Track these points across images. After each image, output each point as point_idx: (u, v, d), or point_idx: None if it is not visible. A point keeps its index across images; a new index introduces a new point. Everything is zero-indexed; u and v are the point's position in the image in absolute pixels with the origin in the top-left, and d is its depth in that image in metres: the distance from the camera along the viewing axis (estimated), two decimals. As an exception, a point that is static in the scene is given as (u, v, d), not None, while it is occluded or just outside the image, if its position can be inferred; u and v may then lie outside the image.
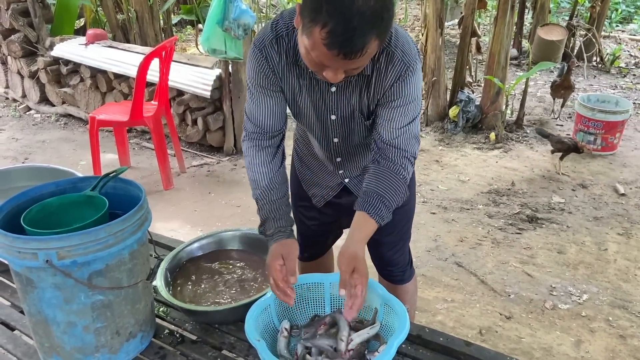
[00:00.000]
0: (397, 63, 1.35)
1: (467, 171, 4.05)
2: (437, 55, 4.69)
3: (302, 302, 1.60)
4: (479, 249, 3.04)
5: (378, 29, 1.14)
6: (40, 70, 4.98)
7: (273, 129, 1.54)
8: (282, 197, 1.54)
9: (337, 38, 1.11)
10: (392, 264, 1.89)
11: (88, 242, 1.31)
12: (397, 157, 1.43)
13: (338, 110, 1.49)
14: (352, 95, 1.44)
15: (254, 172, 1.54)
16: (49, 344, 1.43)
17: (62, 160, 4.28)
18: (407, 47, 1.36)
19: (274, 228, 1.49)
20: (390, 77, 1.37)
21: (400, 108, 1.40)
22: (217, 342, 1.55)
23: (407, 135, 1.43)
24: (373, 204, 1.41)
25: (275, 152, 1.57)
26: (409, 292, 1.94)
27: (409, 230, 1.90)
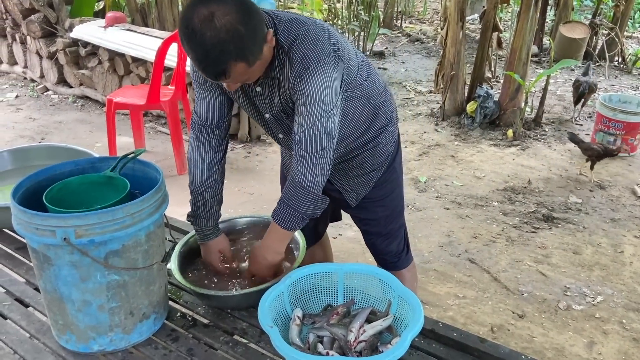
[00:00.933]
0: (296, 65, 1.39)
1: (482, 167, 4.01)
2: (456, 49, 4.63)
3: (315, 291, 1.59)
4: (492, 246, 3.02)
5: (233, 55, 1.25)
6: (59, 51, 5.01)
7: (213, 121, 1.61)
8: (214, 197, 1.68)
9: (199, 66, 1.29)
10: (384, 252, 1.92)
11: (106, 222, 1.31)
12: (299, 155, 1.47)
13: (268, 109, 1.55)
14: (273, 94, 1.50)
15: (194, 167, 1.65)
16: (63, 321, 1.43)
17: (78, 141, 4.30)
18: (311, 49, 1.38)
19: (204, 226, 1.66)
20: (291, 78, 1.41)
21: (304, 107, 1.42)
22: (229, 327, 1.55)
23: (311, 134, 1.44)
24: (277, 210, 1.52)
25: (217, 145, 1.64)
26: (405, 279, 1.94)
27: (398, 220, 1.90)
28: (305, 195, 1.48)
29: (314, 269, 1.59)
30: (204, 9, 1.23)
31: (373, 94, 1.66)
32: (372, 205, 1.82)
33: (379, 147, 1.74)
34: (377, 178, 1.78)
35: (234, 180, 3.72)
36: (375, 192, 1.80)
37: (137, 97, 3.59)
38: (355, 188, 1.79)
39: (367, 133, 1.71)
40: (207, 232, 1.67)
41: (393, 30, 8.45)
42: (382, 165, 1.77)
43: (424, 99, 5.49)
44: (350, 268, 1.60)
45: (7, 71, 5.77)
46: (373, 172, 1.77)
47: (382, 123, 1.72)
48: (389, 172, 1.80)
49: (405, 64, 6.80)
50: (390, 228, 1.89)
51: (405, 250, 1.96)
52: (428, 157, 4.17)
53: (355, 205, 1.82)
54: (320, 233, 2.15)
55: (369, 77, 1.65)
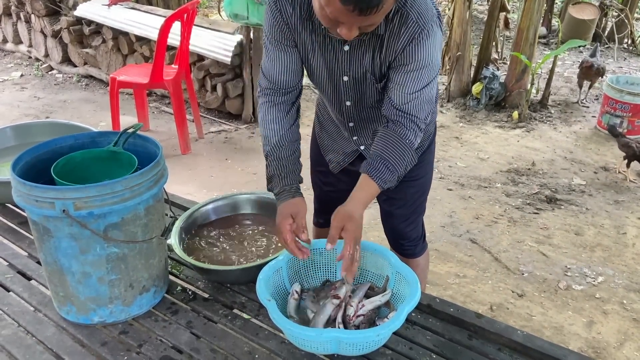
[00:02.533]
0: (411, 24, 1.29)
1: (487, 149, 3.99)
2: (463, 30, 4.58)
3: (314, 266, 1.60)
4: (494, 226, 3.02)
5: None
6: (63, 29, 4.99)
7: (287, 85, 1.51)
8: (291, 155, 1.52)
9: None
10: (403, 237, 1.88)
11: (105, 195, 1.32)
12: (407, 121, 1.39)
13: (350, 71, 1.45)
14: (365, 55, 1.40)
15: (266, 129, 1.53)
16: (63, 293, 1.45)
17: (82, 120, 4.30)
18: (424, 8, 1.30)
19: (279, 186, 1.49)
20: (403, 39, 1.31)
21: (412, 73, 1.34)
22: (229, 301, 1.57)
23: (419, 101, 1.38)
24: (376, 167, 1.39)
25: (289, 109, 1.55)
26: (419, 266, 1.93)
27: (423, 204, 1.87)
28: (409, 153, 1.41)
29: (313, 244, 1.60)
30: None
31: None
32: (406, 185, 1.75)
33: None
34: (417, 157, 1.73)
35: (238, 160, 3.72)
36: (411, 172, 1.69)
37: (140, 76, 3.59)
38: None
39: None
40: (281, 191, 1.49)
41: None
42: (423, 144, 1.73)
43: (430, 80, 5.43)
44: (349, 244, 1.61)
45: (12, 50, 5.77)
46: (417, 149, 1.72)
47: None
48: (427, 152, 1.77)
49: (411, 45, 6.74)
50: (414, 211, 1.84)
51: (422, 238, 1.94)
52: (432, 138, 4.15)
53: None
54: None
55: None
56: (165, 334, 1.43)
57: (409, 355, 1.34)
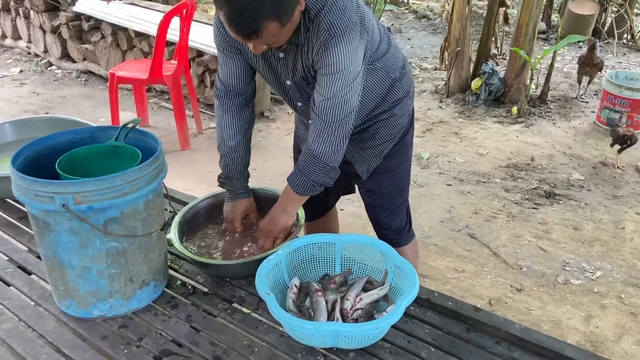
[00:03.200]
0: (322, 32, 1.37)
1: (486, 144, 4.00)
2: (462, 25, 4.58)
3: (313, 261, 1.61)
4: (493, 221, 3.02)
5: (268, 11, 1.23)
6: (62, 25, 4.99)
7: (237, 88, 1.64)
8: (245, 159, 1.74)
9: (231, 22, 1.25)
10: (385, 227, 1.92)
11: (104, 189, 1.32)
12: (317, 124, 1.47)
13: (290, 76, 1.54)
14: (297, 61, 1.48)
15: (222, 132, 1.69)
16: (64, 287, 1.46)
17: (82, 116, 4.28)
18: (338, 17, 1.37)
19: (237, 187, 1.74)
20: (316, 45, 1.39)
21: (326, 76, 1.41)
22: (228, 295, 1.58)
23: (331, 104, 1.43)
24: (292, 176, 1.57)
25: (240, 111, 1.68)
26: (407, 255, 1.94)
27: (402, 194, 1.91)
28: (316, 164, 1.51)
29: (312, 239, 1.61)
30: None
31: (392, 67, 1.65)
32: (380, 177, 1.82)
33: (392, 118, 1.73)
34: (388, 149, 1.77)
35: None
36: (384, 164, 1.80)
37: (139, 72, 3.59)
38: (366, 159, 1.78)
39: (382, 105, 1.70)
40: (240, 191, 1.74)
41: (399, 7, 8.34)
42: (394, 136, 1.76)
43: (429, 75, 5.44)
44: (348, 239, 1.61)
45: (11, 46, 5.76)
46: (385, 143, 1.76)
47: (398, 95, 1.71)
48: (400, 145, 1.80)
49: (411, 41, 6.74)
50: (393, 202, 1.89)
51: (407, 227, 1.96)
52: (431, 134, 4.16)
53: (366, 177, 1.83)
54: (330, 205, 2.15)
55: (389, 50, 1.63)
56: (165, 328, 1.44)
57: (407, 349, 1.35)
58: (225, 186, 1.75)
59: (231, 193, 1.75)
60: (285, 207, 1.61)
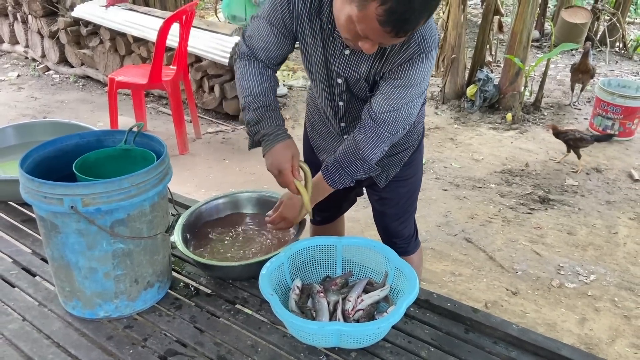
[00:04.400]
0: (413, 45, 1.34)
1: (481, 150, 4.05)
2: (458, 32, 4.64)
3: (315, 263, 1.64)
4: (489, 226, 3.07)
5: (430, 11, 1.16)
6: (60, 30, 5.01)
7: (266, 59, 1.52)
8: (276, 104, 1.54)
9: (395, 17, 1.11)
10: (396, 235, 1.93)
11: (112, 191, 1.35)
12: (374, 130, 1.44)
13: (346, 74, 1.48)
14: (364, 63, 1.43)
15: (247, 81, 1.51)
16: (70, 288, 1.48)
17: (80, 120, 4.31)
18: (429, 33, 1.35)
19: (272, 127, 1.49)
20: (402, 56, 1.35)
21: (400, 88, 1.39)
22: (231, 296, 1.60)
23: (396, 115, 1.42)
24: (328, 168, 1.54)
25: (266, 68, 1.54)
26: (413, 263, 1.97)
27: (415, 202, 1.92)
28: (363, 164, 1.51)
29: (314, 241, 1.64)
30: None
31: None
32: (396, 185, 1.82)
33: (411, 125, 1.70)
34: (407, 157, 1.78)
35: (236, 161, 3.75)
36: (402, 172, 1.80)
37: (138, 77, 3.61)
38: (385, 169, 1.78)
39: None
40: (279, 132, 1.49)
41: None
42: (412, 144, 1.77)
43: (424, 82, 5.49)
44: (349, 241, 1.64)
45: (8, 50, 5.77)
46: (404, 151, 1.77)
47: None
48: (417, 152, 1.82)
49: (406, 48, 6.79)
50: (406, 210, 1.90)
51: (415, 235, 1.98)
52: (427, 140, 4.20)
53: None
54: (343, 211, 2.15)
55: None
56: (170, 329, 1.46)
57: (408, 348, 1.38)
58: (257, 134, 1.53)
59: (268, 138, 1.50)
60: (317, 197, 1.60)
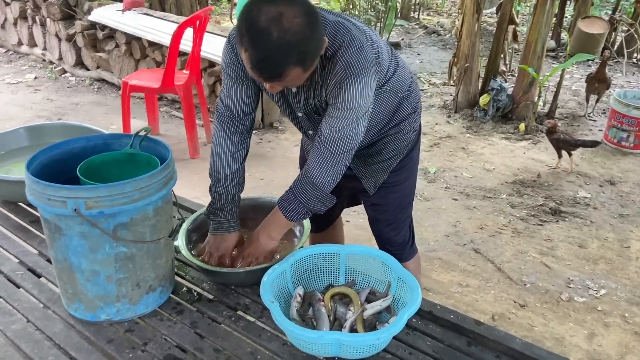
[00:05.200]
0: (339, 71, 1.38)
1: (493, 160, 4.01)
2: (471, 41, 4.62)
3: (317, 271, 1.63)
4: (498, 237, 3.03)
5: (294, 59, 1.24)
6: (77, 34, 5.08)
7: (241, 115, 1.62)
8: (240, 190, 1.71)
9: (255, 65, 1.25)
10: (389, 242, 1.93)
11: (115, 195, 1.35)
12: (321, 152, 1.48)
13: (302, 108, 1.57)
14: (309, 96, 1.51)
15: (219, 159, 1.67)
16: (72, 290, 1.49)
17: (93, 123, 4.35)
18: (354, 58, 1.38)
19: (228, 219, 1.69)
20: (331, 83, 1.41)
21: (339, 111, 1.43)
22: (233, 302, 1.60)
23: (339, 136, 1.45)
24: (283, 197, 1.56)
25: (242, 139, 1.67)
26: (409, 270, 1.96)
27: (407, 209, 1.92)
28: (314, 191, 1.52)
29: (317, 249, 1.63)
30: (273, 8, 1.20)
31: (400, 87, 1.68)
32: (386, 191, 1.83)
33: (400, 133, 1.75)
34: (395, 164, 1.79)
35: (246, 165, 3.75)
36: (391, 178, 1.81)
37: (152, 81, 3.64)
38: (373, 174, 1.79)
39: (390, 122, 1.73)
40: (231, 224, 1.68)
41: (410, 22, 8.42)
42: (401, 151, 1.78)
43: (438, 91, 5.48)
44: (353, 250, 1.64)
45: (27, 52, 5.87)
46: (392, 158, 1.78)
47: (406, 112, 1.74)
48: (407, 159, 1.82)
49: (420, 56, 6.79)
50: (398, 217, 1.90)
51: (411, 242, 1.97)
52: (439, 149, 4.18)
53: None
54: (335, 217, 2.17)
55: (397, 70, 1.66)
56: (170, 333, 1.46)
57: (408, 360, 1.36)
58: (213, 217, 1.69)
59: (220, 224, 1.67)
60: (272, 231, 1.60)
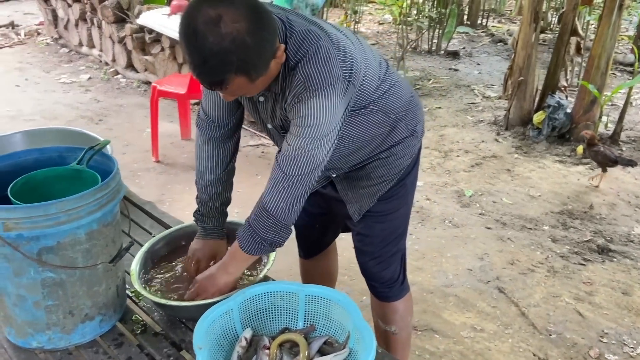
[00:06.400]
0: (298, 84, 1.26)
1: (540, 185, 3.64)
2: (527, 53, 4.25)
3: (274, 310, 1.45)
4: (529, 275, 2.70)
5: (233, 67, 1.13)
6: (127, 36, 5.18)
7: (219, 119, 1.54)
8: (224, 197, 1.62)
9: (195, 71, 1.17)
10: (374, 277, 1.73)
11: (36, 217, 1.24)
12: (276, 174, 1.32)
13: (270, 120, 1.45)
14: (275, 108, 1.40)
15: (200, 165, 1.59)
16: (3, 313, 1.40)
17: (131, 125, 4.43)
18: (316, 70, 1.24)
19: (212, 225, 1.61)
20: (290, 96, 1.29)
21: (297, 127, 1.28)
22: (179, 338, 1.46)
23: (294, 155, 1.28)
24: (241, 231, 1.39)
25: (221, 144, 1.57)
26: (397, 312, 1.74)
27: (397, 243, 1.70)
28: (266, 218, 1.34)
29: (273, 286, 1.46)
30: (211, 10, 1.10)
31: (393, 107, 1.50)
32: (372, 221, 1.64)
33: (391, 158, 1.57)
34: (384, 191, 1.60)
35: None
36: (378, 206, 1.62)
37: (180, 86, 3.61)
38: (358, 199, 1.62)
39: (382, 145, 1.55)
40: (213, 231, 1.62)
41: (476, 29, 7.99)
42: (392, 178, 1.59)
43: (491, 104, 5.10)
44: (313, 290, 1.44)
45: (86, 53, 6.09)
46: (381, 184, 1.59)
47: (401, 135, 1.56)
48: (399, 187, 1.62)
49: (480, 66, 6.40)
50: (385, 250, 1.69)
51: (401, 280, 1.76)
52: (480, 169, 3.85)
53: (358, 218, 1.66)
54: (327, 243, 2.00)
55: (390, 90, 1.49)
56: (99, 369, 1.34)
57: None
58: (199, 222, 1.62)
59: (204, 230, 1.62)
60: (228, 265, 1.43)
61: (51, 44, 6.61)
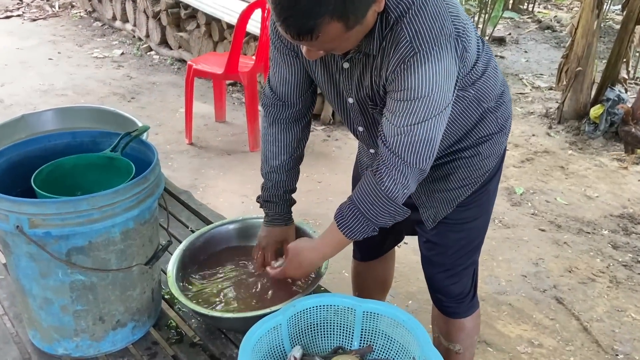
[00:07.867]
0: (404, 44, 1.05)
1: (597, 185, 3.37)
2: (587, 42, 3.93)
3: (327, 327, 1.28)
4: (590, 285, 2.47)
5: (330, 7, 0.95)
6: (162, 11, 5.02)
7: (287, 97, 1.36)
8: (289, 185, 1.47)
9: (280, 15, 0.98)
10: (442, 291, 1.52)
11: (66, 213, 1.09)
12: (390, 162, 1.15)
13: (353, 92, 1.23)
14: (365, 76, 1.17)
15: (266, 149, 1.45)
16: (27, 315, 1.26)
17: (164, 104, 4.28)
18: (426, 27, 1.04)
19: (274, 212, 1.48)
20: (393, 60, 1.08)
21: (403, 102, 1.08)
22: (218, 351, 1.32)
23: (408, 139, 1.11)
24: (344, 214, 1.23)
25: (289, 126, 1.41)
26: (464, 330, 1.53)
27: (473, 255, 1.49)
28: (386, 205, 1.18)
29: (327, 299, 1.28)
30: None
31: (487, 95, 1.28)
32: (447, 229, 1.43)
33: (476, 157, 1.35)
34: (464, 197, 1.38)
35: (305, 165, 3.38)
36: (456, 214, 1.40)
37: (216, 65, 3.43)
38: (435, 205, 1.40)
39: (466, 139, 1.33)
40: (277, 217, 1.49)
41: (522, 15, 7.61)
42: (475, 181, 1.38)
43: (541, 95, 4.81)
44: (372, 307, 1.27)
45: (119, 28, 5.95)
46: (462, 188, 1.38)
47: (489, 130, 1.34)
48: (481, 193, 1.40)
49: (527, 54, 6.06)
50: (458, 263, 1.47)
51: (471, 295, 1.54)
52: (531, 165, 3.59)
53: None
54: (387, 248, 1.79)
55: (486, 71, 1.26)
56: (130, 383, 1.19)
57: None
58: (263, 208, 1.51)
59: (267, 217, 1.50)
60: (326, 251, 1.30)
61: (85, 17, 6.49)
